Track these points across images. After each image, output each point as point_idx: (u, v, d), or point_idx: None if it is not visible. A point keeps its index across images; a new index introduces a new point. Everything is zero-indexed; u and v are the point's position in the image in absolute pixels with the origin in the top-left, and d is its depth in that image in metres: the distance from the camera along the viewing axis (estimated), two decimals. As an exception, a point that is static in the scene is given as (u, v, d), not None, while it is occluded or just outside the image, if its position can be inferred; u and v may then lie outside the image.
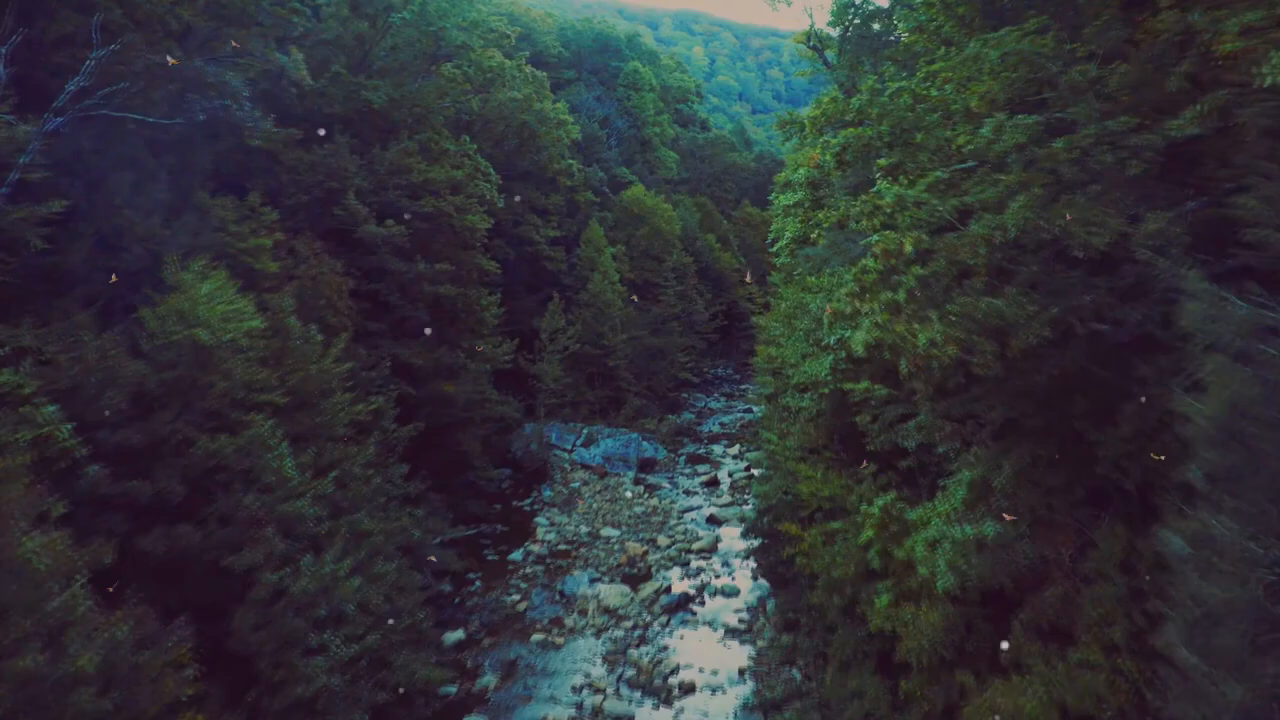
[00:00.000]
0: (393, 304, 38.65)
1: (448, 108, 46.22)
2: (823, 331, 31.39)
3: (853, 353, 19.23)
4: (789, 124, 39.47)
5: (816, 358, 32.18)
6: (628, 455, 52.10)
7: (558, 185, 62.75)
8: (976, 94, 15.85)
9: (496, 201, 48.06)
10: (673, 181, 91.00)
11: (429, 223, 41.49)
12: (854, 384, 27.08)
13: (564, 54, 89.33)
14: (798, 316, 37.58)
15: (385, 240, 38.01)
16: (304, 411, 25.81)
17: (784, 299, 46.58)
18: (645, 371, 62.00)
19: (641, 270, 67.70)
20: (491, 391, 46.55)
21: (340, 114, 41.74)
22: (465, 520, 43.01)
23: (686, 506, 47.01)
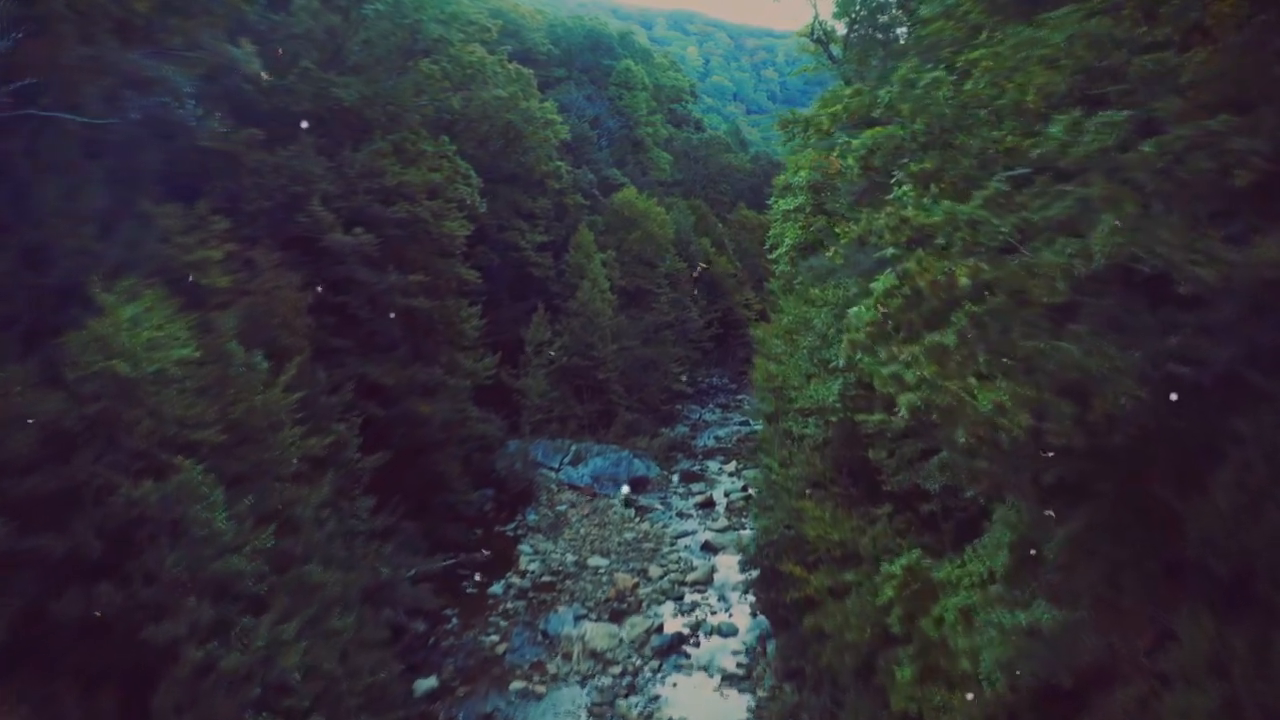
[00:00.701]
0: (362, 318, 35.68)
1: (425, 106, 43.27)
2: (830, 352, 28.50)
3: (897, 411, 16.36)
4: (791, 123, 36.58)
5: (823, 380, 29.30)
6: (618, 474, 49.18)
7: (545, 188, 59.81)
8: (1033, 86, 12.92)
9: (478, 206, 45.10)
10: (666, 183, 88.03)
11: (403, 229, 38.53)
12: (867, 415, 24.17)
13: (554, 52, 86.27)
14: (800, 332, 34.64)
15: (354, 249, 35.05)
16: (247, 448, 22.85)
17: (785, 312, 43.71)
18: (637, 383, 59.07)
19: (633, 276, 64.76)
20: (472, 409, 43.61)
21: (309, 112, 38.75)
22: (444, 548, 40.10)
23: (680, 531, 44.09)
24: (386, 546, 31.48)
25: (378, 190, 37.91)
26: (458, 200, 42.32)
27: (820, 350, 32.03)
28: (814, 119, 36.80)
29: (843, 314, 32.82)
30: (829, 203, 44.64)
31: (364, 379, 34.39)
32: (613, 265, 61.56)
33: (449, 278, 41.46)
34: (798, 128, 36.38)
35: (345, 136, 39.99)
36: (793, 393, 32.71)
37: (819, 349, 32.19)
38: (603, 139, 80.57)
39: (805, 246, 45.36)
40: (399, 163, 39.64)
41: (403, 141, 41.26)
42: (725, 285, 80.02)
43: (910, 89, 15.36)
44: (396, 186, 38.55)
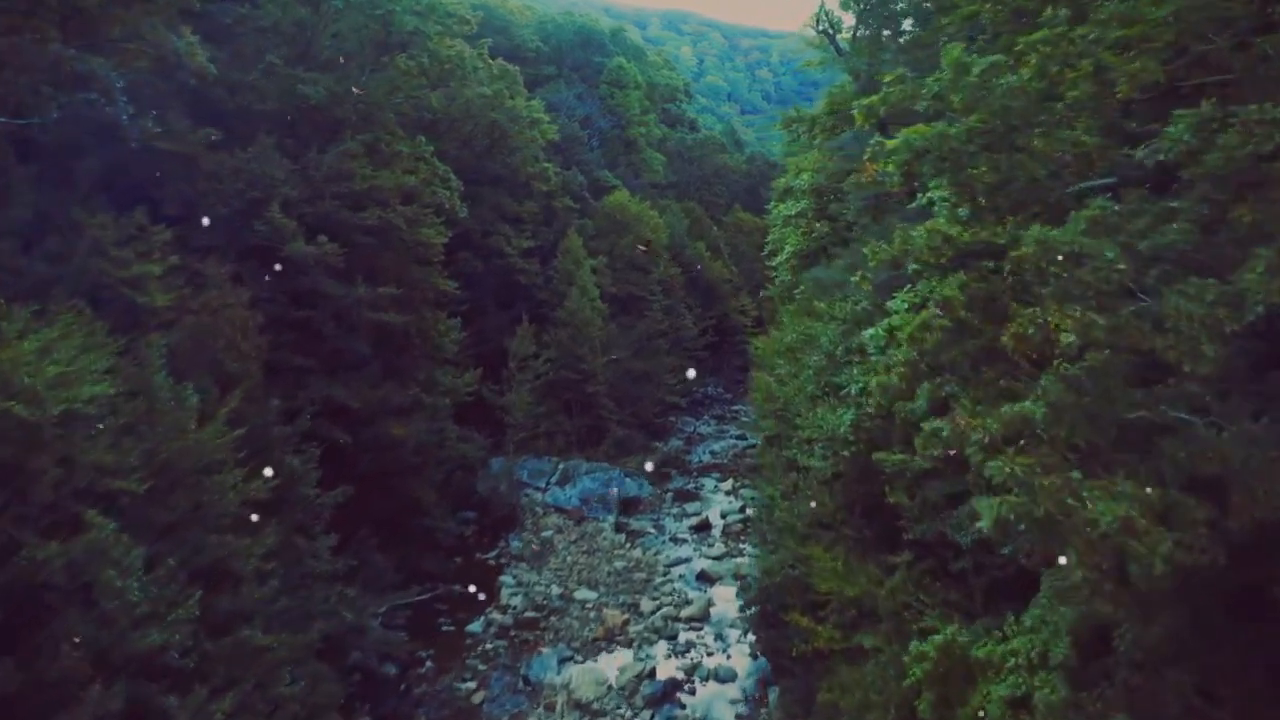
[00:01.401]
0: (327, 334, 32.78)
1: (401, 104, 40.32)
2: (843, 377, 25.66)
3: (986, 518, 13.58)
4: (795, 122, 33.75)
5: (831, 407, 26.46)
6: (608, 495, 46.31)
7: (532, 190, 56.88)
8: (1124, 75, 10.07)
9: (458, 210, 42.20)
10: (659, 185, 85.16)
11: (375, 237, 35.66)
12: (885, 453, 21.34)
13: (543, 49, 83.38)
14: (805, 350, 31.82)
15: (317, 259, 32.15)
16: (178, 495, 19.95)
17: (786, 325, 40.87)
18: (628, 396, 56.18)
19: (625, 283, 61.88)
20: (451, 428, 40.73)
21: (275, 111, 36.01)
22: (419, 579, 37.31)
23: (674, 559, 41.24)
24: (350, 590, 28.59)
25: (347, 195, 35.03)
26: (435, 204, 39.44)
27: (828, 372, 29.23)
28: (819, 117, 34.05)
29: (852, 330, 30.03)
30: (833, 208, 41.89)
31: (329, 402, 31.53)
32: (603, 272, 58.72)
33: (425, 288, 38.56)
34: (802, 127, 33.60)
35: (313, 137, 37.11)
36: (797, 418, 29.94)
37: (826, 370, 29.39)
38: (593, 139, 77.64)
39: (807, 254, 42.61)
40: (371, 165, 36.78)
41: (376, 142, 38.40)
42: (720, 291, 77.19)
43: (963, 75, 12.48)
44: (367, 190, 35.68)
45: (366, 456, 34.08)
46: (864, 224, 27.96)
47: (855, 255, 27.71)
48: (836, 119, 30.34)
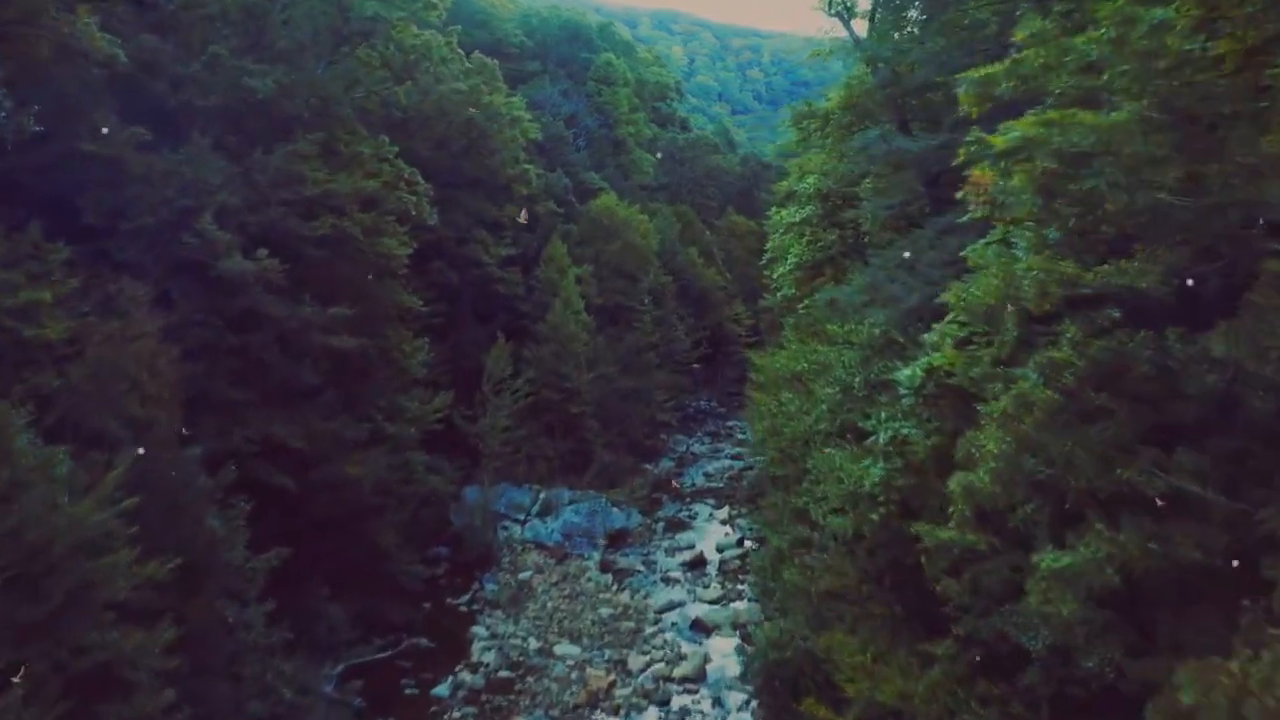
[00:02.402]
0: (269, 362, 28.69)
1: (362, 99, 36.30)
2: (871, 422, 21.70)
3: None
4: (806, 118, 29.89)
5: (853, 455, 22.52)
6: (593, 528, 42.36)
7: (512, 194, 52.80)
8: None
9: (427, 217, 38.14)
10: (649, 187, 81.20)
11: (328, 249, 31.67)
12: (928, 528, 17.44)
13: (527, 44, 79.32)
14: (817, 378, 27.88)
15: (257, 276, 28.09)
16: (51, 583, 15.89)
17: (791, 347, 36.93)
18: (616, 416, 52.14)
19: (612, 292, 57.88)
20: (418, 459, 36.76)
21: (218, 107, 32.01)
22: (381, 630, 33.33)
23: (666, 602, 37.32)
24: (289, 664, 24.55)
25: (296, 201, 31.06)
26: (400, 211, 35.38)
27: (844, 408, 25.30)
28: (834, 113, 30.09)
29: (873, 360, 26.13)
30: (841, 215, 37.95)
31: (270, 441, 27.44)
32: (589, 281, 54.68)
33: (388, 305, 34.55)
34: (814, 124, 29.70)
35: (262, 136, 33.05)
36: (808, 459, 26.04)
37: (842, 405, 25.46)
38: (580, 139, 73.58)
39: (813, 265, 38.69)
40: (326, 167, 32.77)
41: (333, 141, 34.38)
42: (714, 299, 73.29)
43: (1129, 30, 8.44)
44: (321, 196, 31.71)
45: (317, 499, 30.08)
46: (888, 239, 23.99)
47: (875, 275, 23.80)
48: (854, 114, 26.46)
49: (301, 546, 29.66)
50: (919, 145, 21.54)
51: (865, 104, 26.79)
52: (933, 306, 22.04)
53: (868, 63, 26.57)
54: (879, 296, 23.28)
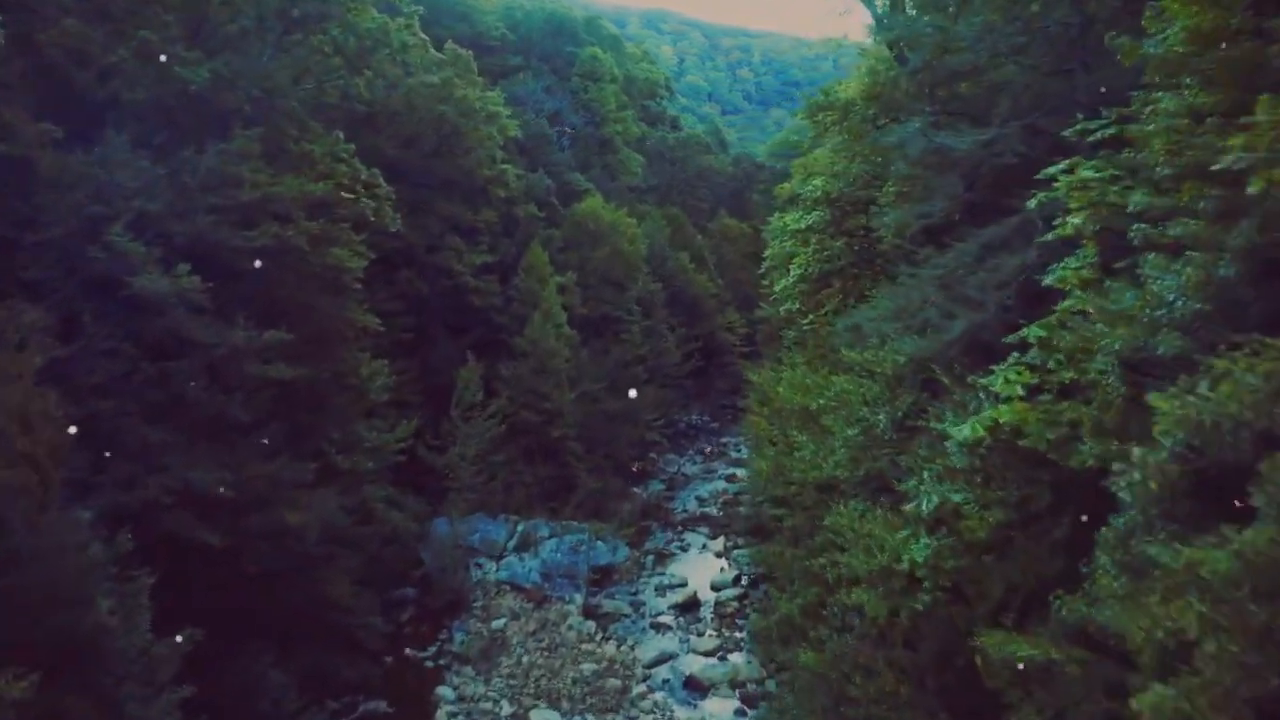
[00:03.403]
0: (193, 396, 24.58)
1: (311, 90, 32.18)
2: (913, 486, 17.75)
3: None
4: (823, 110, 25.99)
5: (884, 520, 18.60)
6: (575, 566, 38.34)
7: (489, 196, 48.72)
8: None
9: (389, 223, 34.17)
10: (638, 189, 77.18)
11: (270, 261, 27.56)
12: (993, 639, 13.59)
13: (509, 38, 75.15)
14: (834, 413, 23.91)
15: (179, 296, 24.02)
16: None
17: (797, 368, 33.06)
18: (601, 438, 48.05)
19: (598, 302, 53.88)
20: (378, 495, 32.81)
21: (148, 101, 28.00)
22: (335, 691, 29.45)
23: (656, 654, 33.35)
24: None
25: (231, 207, 26.96)
26: (356, 217, 31.34)
27: (869, 455, 21.40)
28: (855, 104, 26.13)
29: (899, 393, 22.21)
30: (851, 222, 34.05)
31: (185, 492, 23.34)
32: (572, 290, 50.64)
33: (340, 324, 30.47)
34: (830, 117, 25.78)
35: (197, 133, 28.98)
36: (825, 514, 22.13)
37: (866, 451, 21.55)
38: (564, 138, 69.43)
39: (820, 278, 34.81)
40: (270, 168, 28.74)
41: (279, 139, 30.36)
42: (706, 307, 69.33)
43: None
44: (261, 201, 27.66)
45: (253, 551, 26.02)
46: (920, 252, 20.01)
47: (907, 295, 19.85)
48: (878, 106, 22.58)
49: (237, 605, 25.91)
50: (966, 142, 17.65)
51: (891, 94, 22.87)
52: (983, 339, 18.18)
53: (890, 45, 22.61)
54: (913, 323, 19.35)
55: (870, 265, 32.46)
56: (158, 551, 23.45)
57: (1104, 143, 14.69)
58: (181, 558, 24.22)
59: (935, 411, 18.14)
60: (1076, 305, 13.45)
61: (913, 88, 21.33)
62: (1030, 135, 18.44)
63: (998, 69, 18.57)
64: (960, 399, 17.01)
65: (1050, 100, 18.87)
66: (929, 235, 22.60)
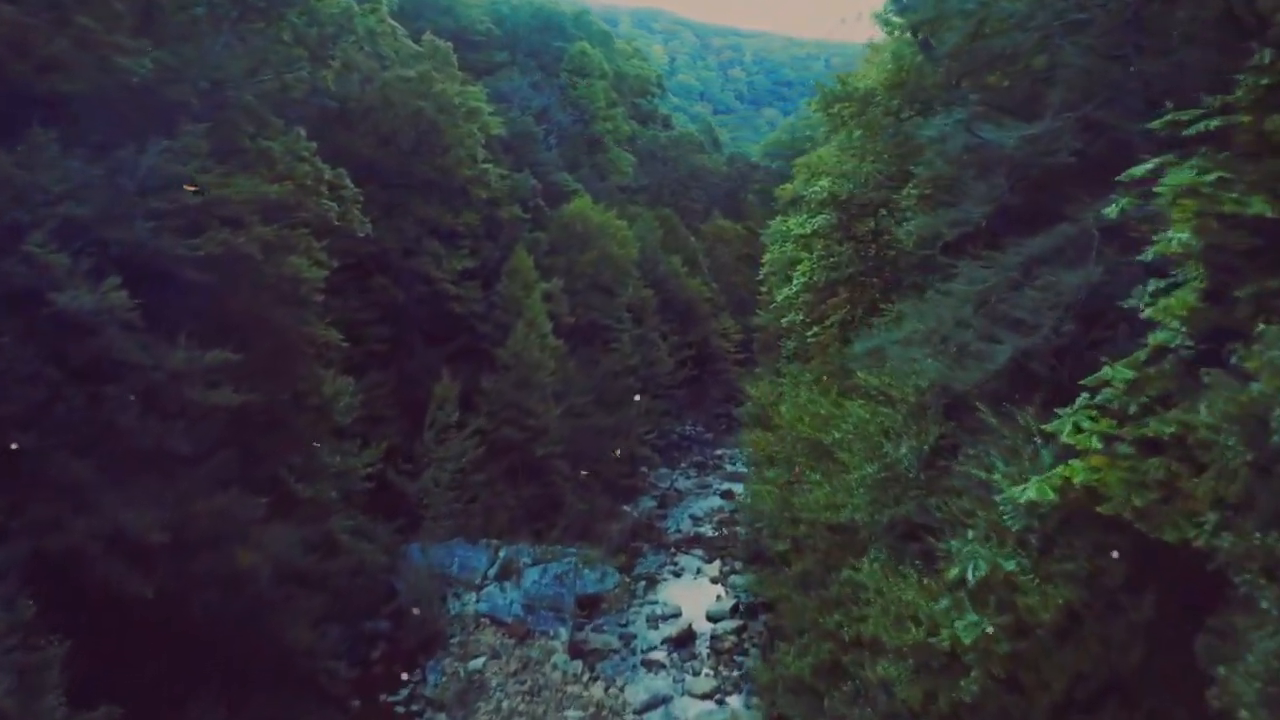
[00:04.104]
0: (126, 426, 21.77)
1: (270, 83, 29.37)
2: (955, 549, 15.05)
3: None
4: (840, 101, 23.25)
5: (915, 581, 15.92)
6: (560, 597, 35.65)
7: (471, 198, 45.89)
8: None
9: (357, 226, 31.43)
10: (628, 189, 74.38)
11: (218, 273, 24.77)
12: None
13: (495, 32, 72.33)
14: (852, 448, 21.19)
15: (110, 314, 21.24)
16: None
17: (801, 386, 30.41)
18: (589, 454, 45.22)
19: (586, 308, 51.13)
20: (343, 525, 30.04)
21: (87, 94, 25.28)
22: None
23: (648, 699, 30.66)
24: None
25: (174, 211, 24.15)
26: (318, 222, 28.58)
27: (892, 496, 18.72)
28: (877, 94, 23.38)
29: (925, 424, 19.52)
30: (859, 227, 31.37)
31: (119, 536, 20.57)
32: (559, 297, 47.85)
33: (299, 340, 27.68)
34: (848, 109, 23.05)
35: (140, 130, 26.17)
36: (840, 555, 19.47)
37: (889, 491, 18.87)
38: (551, 136, 66.53)
39: (826, 287, 32.15)
40: (222, 169, 25.97)
41: (233, 136, 27.61)
42: (699, 312, 66.64)
43: None
44: (208, 204, 24.83)
45: (200, 597, 23.28)
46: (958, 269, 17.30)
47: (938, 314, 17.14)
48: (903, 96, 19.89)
49: (181, 657, 23.29)
50: (1012, 137, 14.97)
51: (917, 83, 20.18)
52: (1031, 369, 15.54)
53: (913, 29, 19.91)
54: (945, 349, 16.67)
55: (880, 274, 29.84)
56: (85, 603, 20.89)
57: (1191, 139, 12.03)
58: (114, 609, 21.57)
59: (976, 454, 15.47)
60: (1173, 340, 10.76)
61: (940, 76, 18.64)
62: (1083, 129, 15.78)
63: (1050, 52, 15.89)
64: (1011, 443, 14.31)
65: (1104, 89, 16.22)
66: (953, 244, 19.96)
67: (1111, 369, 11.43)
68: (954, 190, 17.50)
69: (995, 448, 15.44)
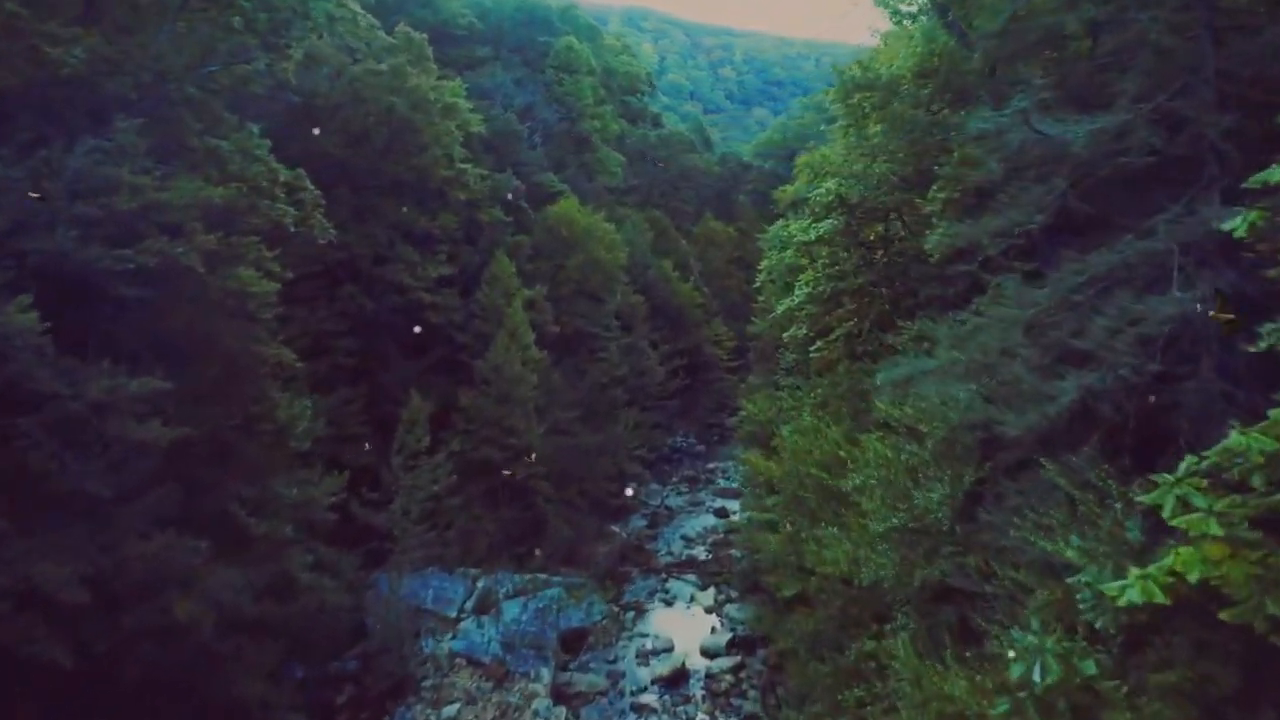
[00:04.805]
0: (36, 470, 19.00)
1: (219, 75, 26.60)
2: (1009, 645, 12.31)
3: None
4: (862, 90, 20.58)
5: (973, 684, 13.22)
6: (543, 633, 32.94)
7: (448, 199, 43.13)
8: None
9: (318, 232, 28.74)
10: (617, 190, 71.65)
11: (154, 287, 22.03)
12: None
13: (477, 26, 69.49)
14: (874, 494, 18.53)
15: (20, 338, 18.49)
16: None
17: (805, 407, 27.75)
18: (574, 472, 42.46)
19: (572, 316, 48.43)
20: (302, 562, 27.28)
21: (16, 88, 22.73)
22: (245, 808, 23.94)
23: (638, 751, 28.01)
24: None
25: (104, 219, 21.41)
26: (269, 225, 25.84)
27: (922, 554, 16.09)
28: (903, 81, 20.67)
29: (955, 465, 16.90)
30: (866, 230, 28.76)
31: (30, 596, 17.84)
32: (543, 305, 45.14)
33: (248, 361, 24.90)
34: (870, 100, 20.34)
35: (73, 128, 23.43)
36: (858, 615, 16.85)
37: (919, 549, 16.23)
38: (536, 134, 63.71)
39: (831, 299, 29.53)
40: (161, 169, 23.21)
41: (178, 134, 24.88)
42: (691, 318, 63.99)
43: None
44: (144, 210, 22.09)
45: (133, 655, 20.58)
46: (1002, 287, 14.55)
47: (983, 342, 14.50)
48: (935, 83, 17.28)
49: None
50: (1080, 133, 12.35)
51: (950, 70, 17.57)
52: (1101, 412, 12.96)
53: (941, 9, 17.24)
54: (992, 386, 14.04)
55: (891, 284, 27.24)
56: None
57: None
58: (32, 673, 18.87)
59: (1032, 513, 12.86)
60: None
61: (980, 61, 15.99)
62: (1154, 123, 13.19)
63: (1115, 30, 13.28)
64: (1087, 509, 11.71)
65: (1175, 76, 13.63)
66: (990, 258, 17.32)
67: (1245, 436, 8.82)
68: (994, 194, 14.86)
69: (1057, 508, 12.87)
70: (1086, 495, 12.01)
